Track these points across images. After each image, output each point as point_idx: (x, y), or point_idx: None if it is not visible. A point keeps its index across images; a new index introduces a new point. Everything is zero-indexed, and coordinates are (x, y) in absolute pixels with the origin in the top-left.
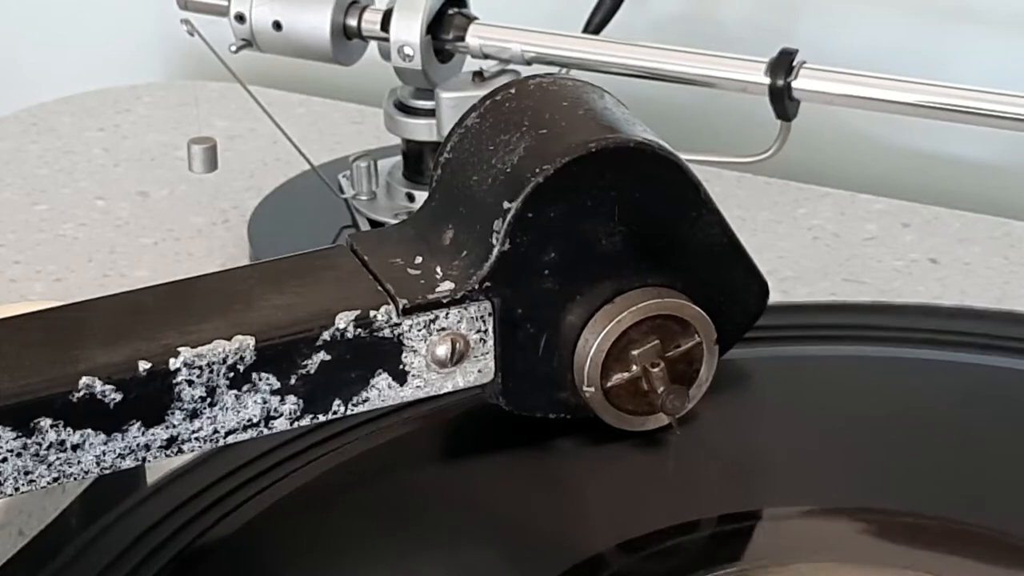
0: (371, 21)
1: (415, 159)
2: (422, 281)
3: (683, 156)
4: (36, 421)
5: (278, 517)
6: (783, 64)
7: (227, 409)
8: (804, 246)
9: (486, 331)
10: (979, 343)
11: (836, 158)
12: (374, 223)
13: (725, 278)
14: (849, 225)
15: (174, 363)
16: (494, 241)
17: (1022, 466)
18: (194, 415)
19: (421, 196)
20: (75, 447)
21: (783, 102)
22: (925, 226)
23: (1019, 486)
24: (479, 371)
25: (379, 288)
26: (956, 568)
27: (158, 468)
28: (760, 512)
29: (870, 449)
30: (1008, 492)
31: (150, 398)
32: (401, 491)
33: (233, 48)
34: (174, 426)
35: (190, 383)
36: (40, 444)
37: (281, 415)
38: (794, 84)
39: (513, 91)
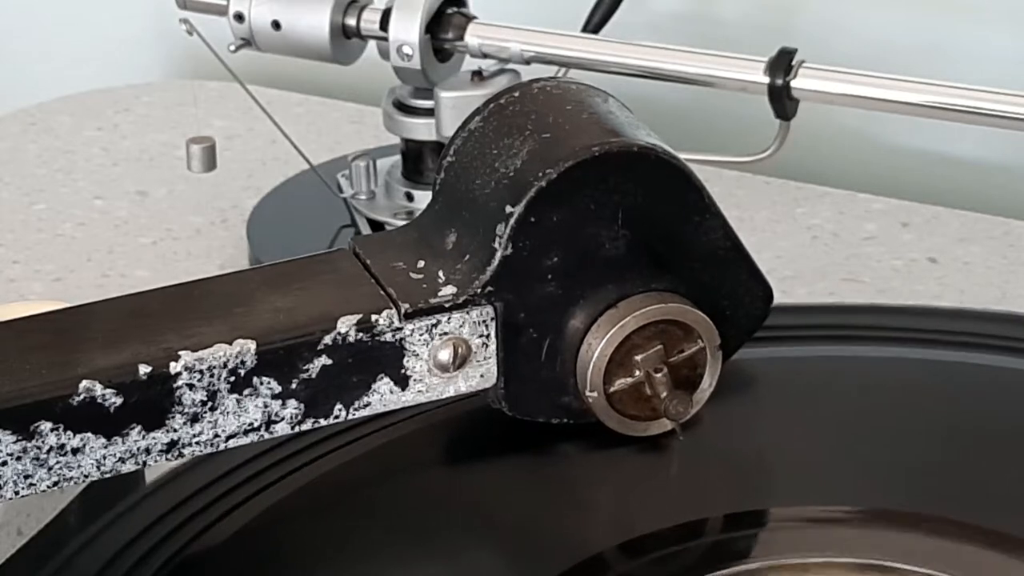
0: (370, 20)
1: (414, 158)
2: (424, 285)
3: (682, 156)
4: (36, 424)
5: (276, 518)
6: (782, 63)
7: (228, 413)
8: (803, 245)
9: (488, 336)
10: (979, 343)
11: (835, 157)
12: (373, 222)
13: (728, 282)
14: (848, 224)
15: (175, 367)
16: (497, 245)
17: (1022, 465)
18: (195, 419)
19: (420, 195)
20: (75, 451)
21: (782, 101)
22: (924, 225)
23: (1019, 485)
24: (481, 376)
25: (381, 292)
26: (957, 567)
27: (157, 468)
28: (761, 512)
29: (870, 449)
30: (1009, 491)
31: (150, 402)
32: (401, 492)
33: (232, 47)
34: (175, 430)
35: (191, 387)
36: (40, 448)
37: (282, 419)
38: (793, 83)
39: (516, 95)
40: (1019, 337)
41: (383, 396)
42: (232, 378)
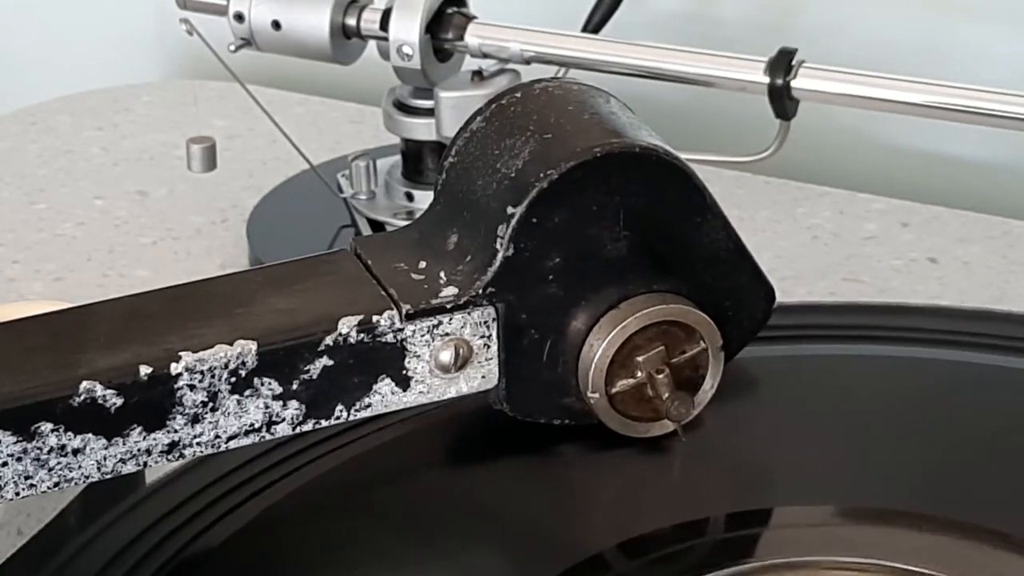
0: (370, 20)
1: (414, 158)
2: (426, 286)
3: (683, 156)
4: (37, 425)
5: (277, 518)
6: (782, 63)
7: (229, 414)
8: (803, 245)
9: (490, 337)
10: (979, 343)
11: (835, 157)
12: (373, 222)
13: (731, 283)
14: (848, 224)
15: (175, 368)
16: (498, 246)
17: (1022, 465)
18: (195, 420)
19: (420, 195)
20: (76, 452)
21: (782, 101)
22: (924, 225)
23: (1019, 485)
24: (483, 377)
25: (382, 293)
26: (957, 567)
27: (157, 469)
28: (761, 512)
29: (871, 449)
30: (1009, 491)
31: (151, 403)
32: (401, 492)
33: (232, 47)
34: (175, 431)
35: (191, 388)
36: (41, 448)
37: (283, 420)
38: (793, 83)
39: (518, 95)
40: (1019, 337)
41: (384, 397)
42: (233, 379)
